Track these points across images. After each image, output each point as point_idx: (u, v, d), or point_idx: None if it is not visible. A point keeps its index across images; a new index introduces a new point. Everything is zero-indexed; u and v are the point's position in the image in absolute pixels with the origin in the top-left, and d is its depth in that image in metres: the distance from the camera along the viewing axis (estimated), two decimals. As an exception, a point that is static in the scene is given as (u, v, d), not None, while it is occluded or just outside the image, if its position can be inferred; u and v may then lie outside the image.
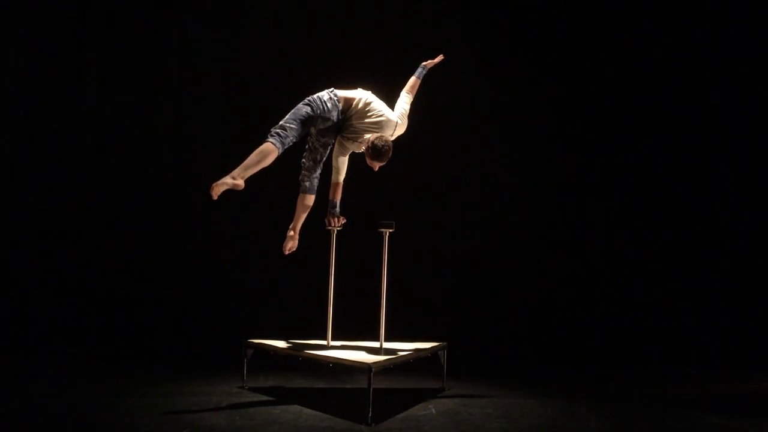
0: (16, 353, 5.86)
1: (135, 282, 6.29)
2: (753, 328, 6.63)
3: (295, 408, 4.40)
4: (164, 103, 6.44)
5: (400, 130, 4.83)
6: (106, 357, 5.94)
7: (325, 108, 4.60)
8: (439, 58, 5.05)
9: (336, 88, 4.74)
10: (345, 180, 4.87)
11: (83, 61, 6.30)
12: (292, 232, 4.94)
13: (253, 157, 4.45)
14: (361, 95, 4.74)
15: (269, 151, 4.45)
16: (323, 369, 5.26)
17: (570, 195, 6.75)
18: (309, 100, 4.64)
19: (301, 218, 4.88)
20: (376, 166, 4.60)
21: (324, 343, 4.89)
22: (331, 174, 4.86)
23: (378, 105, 4.73)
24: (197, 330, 6.26)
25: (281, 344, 4.87)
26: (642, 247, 6.75)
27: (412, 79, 4.99)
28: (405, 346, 4.89)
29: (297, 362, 4.86)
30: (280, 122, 4.58)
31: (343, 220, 4.91)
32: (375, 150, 4.50)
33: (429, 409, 4.51)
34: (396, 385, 5.23)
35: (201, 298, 6.34)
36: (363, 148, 4.61)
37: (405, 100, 4.92)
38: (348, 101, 4.70)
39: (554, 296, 6.67)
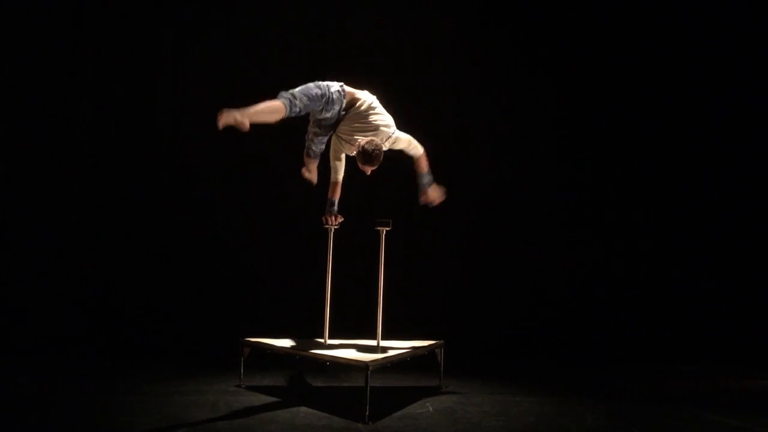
0: (15, 353, 5.85)
1: (132, 281, 6.28)
2: (751, 324, 6.64)
3: (292, 407, 4.40)
4: (162, 102, 6.43)
5: (400, 144, 4.79)
6: (103, 356, 5.93)
7: (331, 98, 4.57)
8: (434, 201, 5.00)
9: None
10: (344, 178, 4.87)
11: (80, 60, 6.30)
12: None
13: (263, 107, 4.36)
14: (366, 97, 4.72)
15: (278, 109, 4.40)
16: (320, 367, 5.26)
17: (568, 194, 6.75)
18: (319, 85, 4.57)
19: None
20: (368, 169, 4.58)
21: (321, 341, 4.89)
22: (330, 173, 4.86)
23: (380, 110, 4.72)
24: (194, 329, 6.25)
25: (278, 343, 4.86)
26: (639, 245, 6.75)
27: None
28: (402, 345, 4.89)
29: (294, 361, 4.86)
30: (290, 90, 4.49)
31: (340, 219, 4.91)
32: (365, 154, 4.47)
33: (426, 407, 4.52)
34: (393, 383, 5.23)
35: (198, 297, 6.34)
36: (354, 152, 4.60)
37: (412, 142, 4.85)
38: (353, 99, 4.68)
39: (551, 294, 6.67)
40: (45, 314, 6.13)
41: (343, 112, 4.66)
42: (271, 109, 4.38)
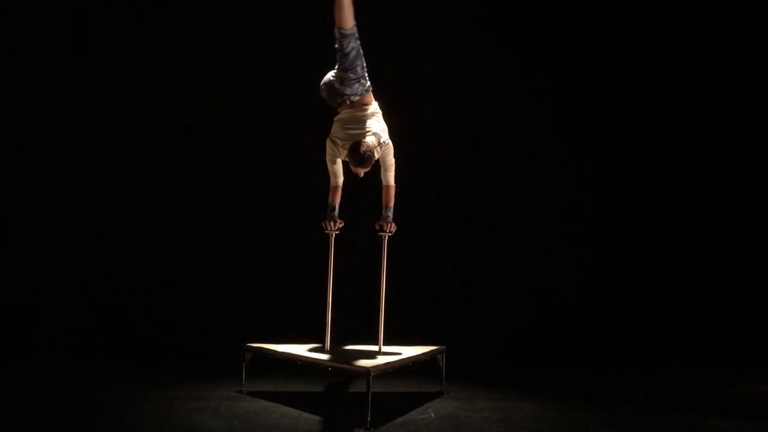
0: (16, 356, 5.84)
1: (134, 285, 6.28)
2: (751, 329, 6.63)
3: (294, 412, 4.40)
4: (163, 102, 6.42)
5: (387, 157, 4.81)
6: (104, 361, 5.92)
7: (354, 81, 4.58)
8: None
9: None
10: (344, 183, 4.88)
11: (79, 60, 6.31)
12: None
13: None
14: (376, 107, 4.77)
15: (352, 14, 4.42)
16: (322, 373, 5.25)
17: (568, 196, 6.74)
18: (364, 66, 4.59)
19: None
20: (361, 172, 4.59)
21: (323, 347, 4.88)
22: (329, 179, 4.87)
23: (380, 118, 4.75)
24: (196, 334, 6.25)
25: (280, 348, 4.86)
26: (640, 249, 6.74)
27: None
28: (404, 350, 4.89)
29: (295, 366, 4.85)
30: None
31: (340, 224, 4.91)
32: (356, 156, 4.48)
33: (428, 413, 4.51)
34: (395, 389, 5.22)
35: (200, 302, 6.34)
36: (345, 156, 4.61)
37: (393, 168, 4.90)
38: (365, 102, 4.71)
39: (553, 299, 6.66)
40: (46, 316, 6.12)
41: (348, 102, 4.67)
42: (351, 8, 4.39)
